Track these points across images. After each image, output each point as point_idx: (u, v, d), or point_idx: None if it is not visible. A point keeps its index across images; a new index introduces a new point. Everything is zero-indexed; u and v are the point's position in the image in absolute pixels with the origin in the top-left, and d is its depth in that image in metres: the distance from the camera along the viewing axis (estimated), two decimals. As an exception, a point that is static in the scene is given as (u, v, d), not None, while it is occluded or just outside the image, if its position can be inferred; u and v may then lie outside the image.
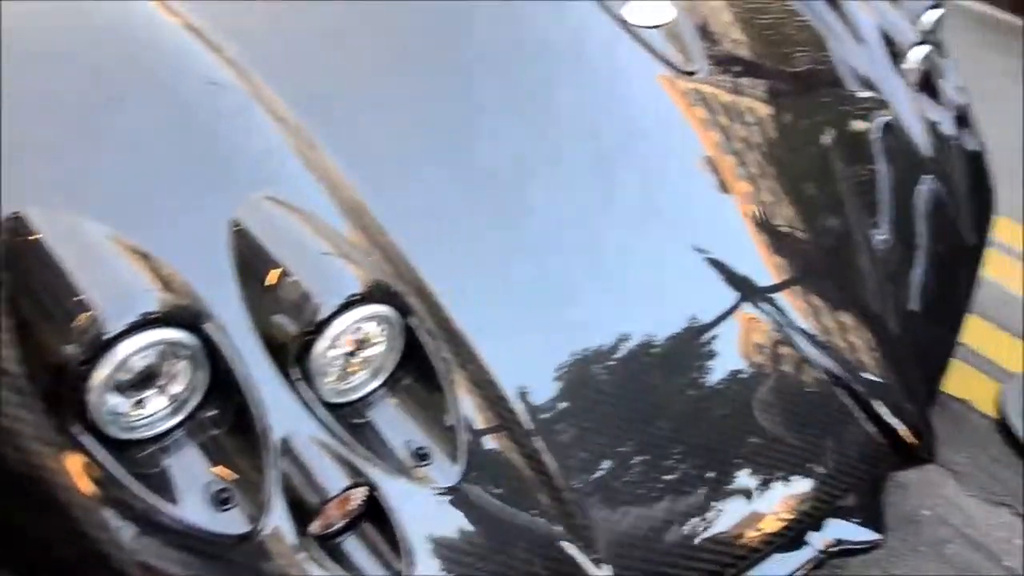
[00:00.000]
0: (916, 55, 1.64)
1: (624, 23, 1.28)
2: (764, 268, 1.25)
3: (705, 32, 1.41)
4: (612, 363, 1.07)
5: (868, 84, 1.60)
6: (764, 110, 1.44)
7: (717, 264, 1.19)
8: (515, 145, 1.15)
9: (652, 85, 1.25)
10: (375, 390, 0.89)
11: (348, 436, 0.85)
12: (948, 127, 1.66)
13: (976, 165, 1.70)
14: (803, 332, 1.22)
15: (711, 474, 1.10)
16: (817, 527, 1.17)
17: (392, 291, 0.88)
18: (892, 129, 1.57)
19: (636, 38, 1.27)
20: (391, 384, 0.89)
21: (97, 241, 0.83)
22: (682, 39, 1.32)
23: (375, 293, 0.85)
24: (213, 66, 1.05)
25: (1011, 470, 1.75)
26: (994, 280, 2.18)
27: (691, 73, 1.29)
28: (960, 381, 1.91)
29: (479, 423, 0.92)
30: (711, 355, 1.16)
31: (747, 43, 1.52)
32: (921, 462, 1.27)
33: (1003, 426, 1.84)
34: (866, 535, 1.26)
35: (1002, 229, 2.36)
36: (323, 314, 0.82)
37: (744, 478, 1.12)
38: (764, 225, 1.26)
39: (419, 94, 1.14)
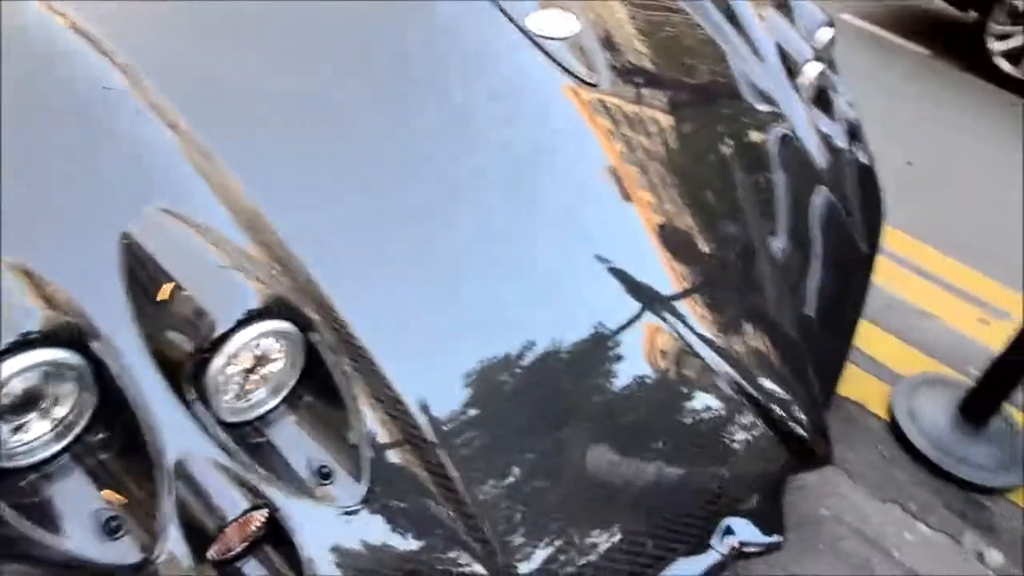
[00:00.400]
0: (811, 71, 1.70)
1: (528, 34, 1.28)
2: (666, 276, 1.26)
3: (609, 44, 1.42)
4: (516, 373, 1.07)
5: (766, 98, 1.65)
6: (666, 121, 1.46)
7: (620, 273, 1.20)
8: (418, 154, 1.13)
9: (556, 96, 1.26)
10: (275, 408, 0.86)
11: (247, 457, 0.81)
12: (841, 140, 1.72)
13: (867, 177, 1.77)
14: (704, 339, 1.23)
15: (615, 481, 1.11)
16: (720, 529, 1.19)
17: (292, 306, 0.84)
18: (788, 141, 1.62)
19: (540, 49, 1.27)
20: (292, 401, 0.86)
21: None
22: (586, 51, 1.33)
23: (274, 308, 0.82)
24: (106, 71, 1.00)
25: (902, 469, 1.83)
26: (895, 292, 2.29)
27: (594, 85, 1.30)
28: (854, 383, 1.99)
29: (383, 438, 0.90)
30: (614, 363, 1.17)
31: (649, 55, 1.54)
32: (819, 464, 1.31)
33: (894, 426, 1.92)
34: (768, 537, 1.29)
35: (891, 238, 2.48)
36: (219, 330, 0.79)
37: (647, 484, 1.14)
38: (666, 234, 1.28)
39: (319, 103, 1.11)
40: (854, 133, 1.80)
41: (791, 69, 1.72)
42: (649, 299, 1.21)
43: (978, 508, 1.79)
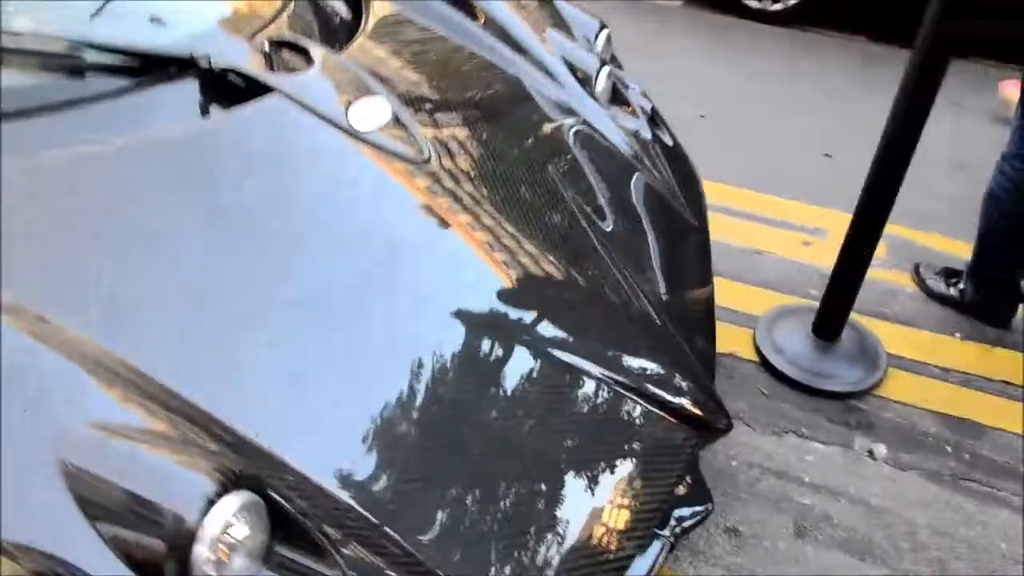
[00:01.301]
0: (602, 77, 1.84)
1: (353, 133, 1.32)
2: (516, 298, 1.32)
3: (420, 112, 1.49)
4: (418, 427, 1.10)
5: (567, 111, 1.77)
6: (484, 157, 1.54)
7: (470, 314, 1.26)
8: (268, 268, 1.15)
9: (393, 181, 1.31)
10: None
11: None
12: (645, 131, 1.87)
13: (676, 155, 1.93)
14: (566, 345, 1.30)
15: (546, 506, 1.17)
16: (664, 523, 1.29)
17: (235, 472, 0.86)
18: (598, 143, 1.74)
19: (368, 144, 1.32)
20: (273, 565, 0.88)
21: None
22: (407, 130, 1.39)
23: (227, 483, 0.83)
24: None
25: (783, 400, 2.02)
26: (722, 240, 2.48)
27: (427, 161, 1.36)
28: (720, 337, 2.16)
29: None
30: (496, 394, 1.22)
31: (458, 105, 1.62)
32: (723, 433, 1.44)
33: (765, 364, 2.10)
34: (699, 508, 1.40)
35: (720, 193, 2.69)
36: (190, 525, 0.79)
37: (577, 502, 1.21)
38: (504, 257, 1.34)
39: (155, 238, 1.11)
40: (654, 119, 1.95)
41: (583, 79, 1.84)
42: (506, 322, 1.27)
43: (856, 412, 2.00)
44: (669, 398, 1.35)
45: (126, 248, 1.09)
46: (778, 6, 4.65)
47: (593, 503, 1.22)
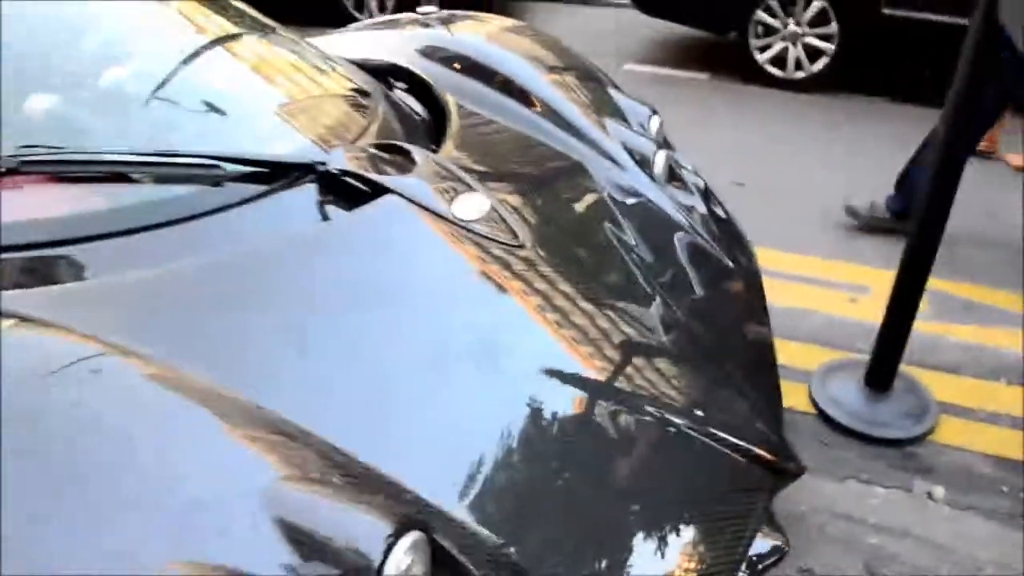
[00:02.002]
0: (659, 160, 2.03)
1: (456, 219, 1.52)
2: (605, 359, 1.48)
3: (507, 201, 1.68)
4: (537, 481, 1.25)
5: (631, 192, 1.96)
6: (565, 239, 1.73)
7: (568, 375, 1.41)
8: (401, 339, 1.32)
9: (495, 264, 1.50)
10: None
11: None
12: (701, 207, 2.05)
13: (729, 227, 2.11)
14: (654, 400, 1.44)
15: (640, 547, 1.31)
16: (743, 563, 1.42)
17: (404, 514, 1.01)
18: (662, 220, 1.92)
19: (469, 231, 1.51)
20: None
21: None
22: (503, 219, 1.58)
23: (399, 525, 0.98)
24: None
25: (843, 449, 2.15)
26: (770, 301, 2.63)
27: (522, 245, 1.55)
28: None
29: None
30: (597, 449, 1.37)
31: (537, 192, 1.82)
32: (795, 477, 1.58)
33: (822, 415, 2.24)
34: (776, 548, 1.54)
35: (766, 257, 2.85)
36: (375, 562, 0.94)
37: (665, 543, 1.35)
38: (591, 325, 1.51)
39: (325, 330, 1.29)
40: (707, 195, 2.13)
41: (641, 162, 2.04)
42: (584, 382, 1.43)
43: (913, 457, 2.12)
44: (746, 445, 1.49)
45: (287, 329, 1.27)
46: (801, 74, 4.89)
47: (680, 543, 1.36)
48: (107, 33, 1.88)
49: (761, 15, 4.86)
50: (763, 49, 4.94)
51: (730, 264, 1.95)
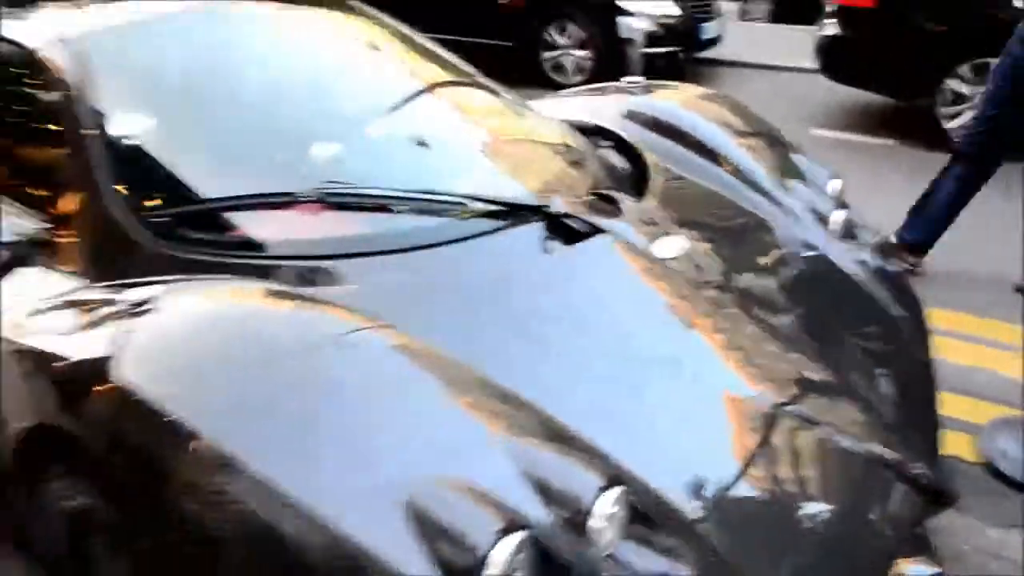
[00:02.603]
0: (837, 218, 2.25)
1: (655, 258, 1.83)
2: (768, 382, 1.71)
3: (698, 244, 1.97)
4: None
5: (809, 246, 2.19)
6: (749, 281, 1.99)
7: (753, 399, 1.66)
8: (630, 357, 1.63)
9: (686, 298, 1.79)
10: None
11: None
12: (875, 262, 2.24)
13: (902, 283, 2.29)
14: (819, 422, 1.65)
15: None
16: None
17: (610, 473, 1.30)
18: (839, 275, 2.14)
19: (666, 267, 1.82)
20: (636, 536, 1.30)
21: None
22: (695, 258, 1.88)
23: (608, 481, 1.28)
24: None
25: (1010, 499, 2.24)
26: (941, 357, 2.75)
27: (709, 282, 1.84)
28: (946, 441, 2.42)
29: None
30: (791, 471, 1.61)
31: (725, 240, 2.09)
32: (948, 503, 1.74)
33: (990, 467, 2.34)
34: (932, 569, 1.71)
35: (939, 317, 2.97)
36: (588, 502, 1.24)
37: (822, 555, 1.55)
38: (775, 359, 1.76)
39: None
40: (881, 252, 2.32)
41: (820, 219, 2.26)
42: (783, 408, 1.66)
43: (1081, 511, 2.19)
44: (905, 469, 1.68)
45: (516, 328, 1.61)
46: (991, 142, 4.86)
47: (835, 546, 1.56)
48: (374, 94, 2.35)
49: (951, 83, 4.89)
50: (952, 117, 4.96)
51: (897, 315, 2.14)
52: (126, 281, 1.59)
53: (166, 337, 1.37)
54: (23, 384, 1.57)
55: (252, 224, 1.79)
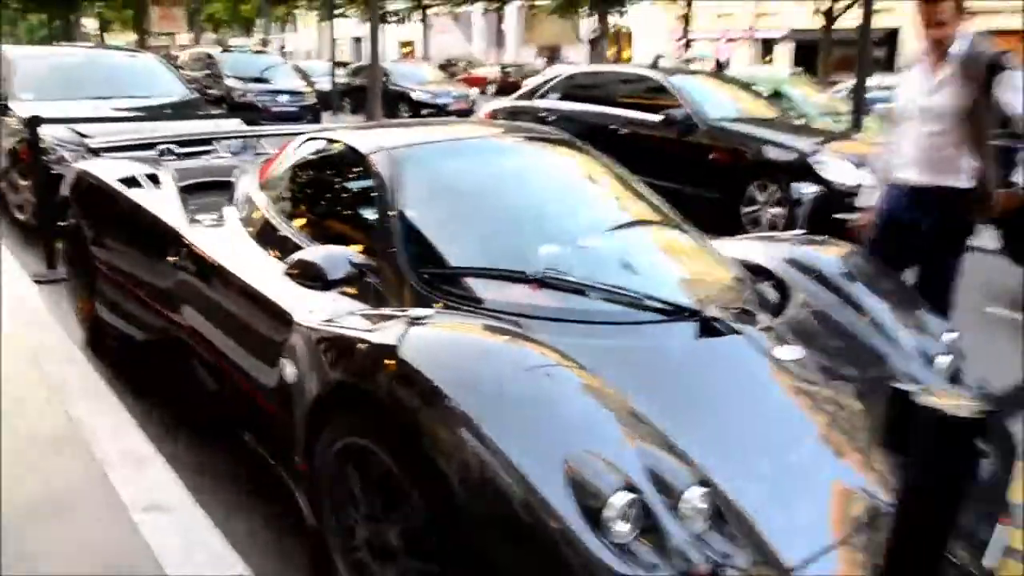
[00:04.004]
0: (942, 361, 2.75)
1: (775, 358, 2.44)
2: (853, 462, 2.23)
3: (815, 357, 2.55)
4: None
5: (911, 379, 2.69)
6: (852, 392, 2.53)
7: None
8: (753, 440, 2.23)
9: (797, 392, 2.38)
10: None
11: None
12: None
13: (997, 422, 2.72)
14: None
15: None
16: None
17: (701, 475, 1.93)
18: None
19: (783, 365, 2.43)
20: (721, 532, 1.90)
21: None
22: (807, 363, 2.47)
23: (697, 478, 1.90)
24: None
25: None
26: None
27: (815, 383, 2.42)
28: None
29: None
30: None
31: (839, 363, 2.65)
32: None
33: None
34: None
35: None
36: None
37: None
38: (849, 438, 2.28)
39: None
40: (984, 397, 2.77)
41: (929, 360, 2.76)
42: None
43: None
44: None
45: (673, 387, 2.28)
46: None
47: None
48: (591, 216, 3.15)
49: None
50: None
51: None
52: (403, 309, 2.43)
53: (436, 336, 2.17)
54: (324, 356, 2.39)
55: (490, 288, 2.60)
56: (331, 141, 3.50)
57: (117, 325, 4.06)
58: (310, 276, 2.48)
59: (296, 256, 2.54)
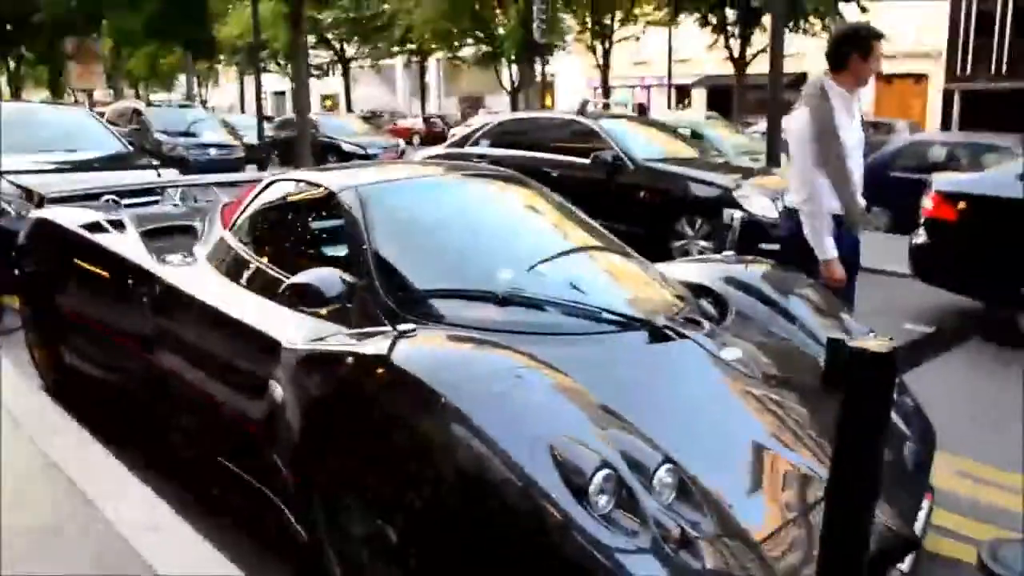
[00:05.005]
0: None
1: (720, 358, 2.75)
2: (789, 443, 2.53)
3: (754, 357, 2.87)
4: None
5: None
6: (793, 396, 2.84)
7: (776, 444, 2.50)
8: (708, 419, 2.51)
9: (742, 387, 2.67)
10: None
11: None
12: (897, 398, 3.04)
13: (919, 415, 3.06)
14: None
15: None
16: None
17: (666, 454, 2.19)
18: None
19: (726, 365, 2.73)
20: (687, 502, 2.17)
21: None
22: (747, 361, 2.78)
23: (663, 457, 2.17)
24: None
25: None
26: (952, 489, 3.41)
27: (754, 376, 2.72)
28: (947, 547, 3.09)
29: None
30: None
31: (771, 356, 2.97)
32: (912, 547, 2.46)
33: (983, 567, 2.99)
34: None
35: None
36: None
37: None
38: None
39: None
40: (904, 391, 3.12)
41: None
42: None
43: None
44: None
45: (628, 383, 2.54)
46: (1065, 349, 5.47)
47: None
48: (541, 242, 3.43)
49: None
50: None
51: (906, 431, 2.92)
52: (386, 327, 2.65)
53: (422, 345, 2.40)
54: (316, 371, 2.59)
55: (459, 307, 2.84)
56: (299, 181, 3.72)
57: (85, 369, 4.14)
58: (307, 296, 2.69)
59: (290, 281, 2.74)
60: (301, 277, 2.71)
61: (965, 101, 32.45)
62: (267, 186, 3.83)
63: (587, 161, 8.76)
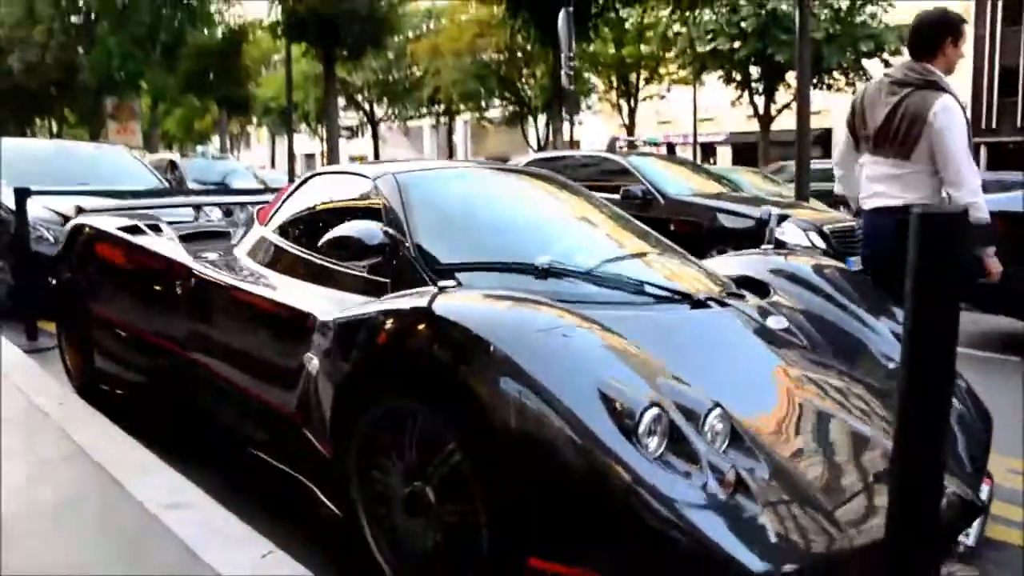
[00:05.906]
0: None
1: (764, 327, 2.67)
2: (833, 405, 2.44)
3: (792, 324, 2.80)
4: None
5: (884, 355, 2.92)
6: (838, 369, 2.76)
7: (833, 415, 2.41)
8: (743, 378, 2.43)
9: (783, 355, 2.60)
10: None
11: None
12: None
13: (973, 396, 2.96)
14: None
15: None
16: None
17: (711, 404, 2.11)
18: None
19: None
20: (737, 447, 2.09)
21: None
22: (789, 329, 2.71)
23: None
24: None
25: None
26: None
27: (804, 346, 2.65)
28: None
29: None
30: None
31: (814, 330, 2.90)
32: (979, 512, 2.34)
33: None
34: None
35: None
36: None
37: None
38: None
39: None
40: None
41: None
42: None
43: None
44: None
45: (679, 346, 2.47)
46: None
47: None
48: (572, 224, 3.39)
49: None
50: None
51: (961, 407, 2.81)
52: (418, 289, 2.59)
53: (464, 298, 2.35)
54: (353, 338, 2.54)
55: (495, 279, 2.78)
56: (336, 173, 3.74)
57: (115, 371, 4.13)
58: (347, 247, 2.66)
59: (329, 234, 2.71)
60: (341, 229, 2.69)
61: (992, 154, 32.42)
62: (304, 182, 3.85)
63: (616, 196, 8.76)
